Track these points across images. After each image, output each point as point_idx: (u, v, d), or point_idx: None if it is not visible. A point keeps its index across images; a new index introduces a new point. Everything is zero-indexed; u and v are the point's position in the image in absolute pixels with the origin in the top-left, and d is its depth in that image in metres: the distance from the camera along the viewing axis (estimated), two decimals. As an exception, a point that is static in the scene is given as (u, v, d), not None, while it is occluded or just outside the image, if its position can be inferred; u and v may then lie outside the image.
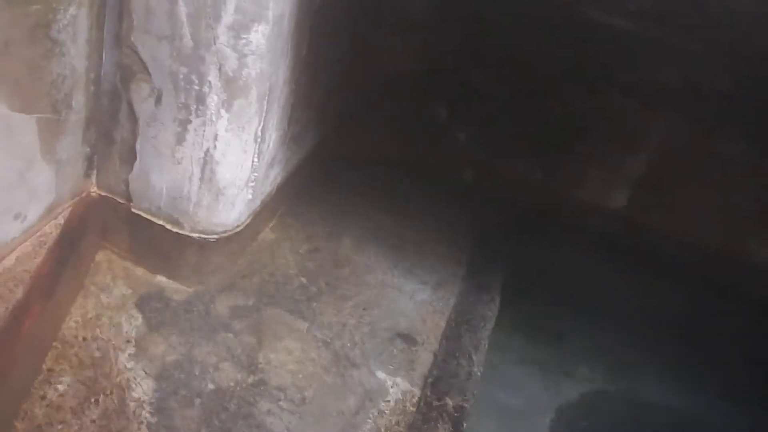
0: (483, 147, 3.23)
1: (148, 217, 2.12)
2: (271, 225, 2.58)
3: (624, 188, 3.09)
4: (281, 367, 2.09)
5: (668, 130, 2.97)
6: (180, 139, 1.96)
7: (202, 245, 2.15)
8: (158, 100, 1.92)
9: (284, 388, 2.03)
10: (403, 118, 3.22)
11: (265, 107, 1.99)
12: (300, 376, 2.08)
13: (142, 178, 2.07)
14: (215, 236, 2.15)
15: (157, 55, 1.86)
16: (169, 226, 2.12)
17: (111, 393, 1.84)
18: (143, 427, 1.78)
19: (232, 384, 1.98)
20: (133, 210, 2.13)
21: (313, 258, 2.54)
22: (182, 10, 1.77)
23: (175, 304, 2.17)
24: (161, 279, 2.22)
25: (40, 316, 1.76)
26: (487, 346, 2.38)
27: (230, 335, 2.14)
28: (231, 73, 1.84)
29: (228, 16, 1.76)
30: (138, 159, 2.04)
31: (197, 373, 1.98)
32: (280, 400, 1.99)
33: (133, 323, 2.06)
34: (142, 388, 1.88)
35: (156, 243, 2.16)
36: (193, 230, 2.12)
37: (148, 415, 1.82)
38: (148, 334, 2.05)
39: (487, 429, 2.27)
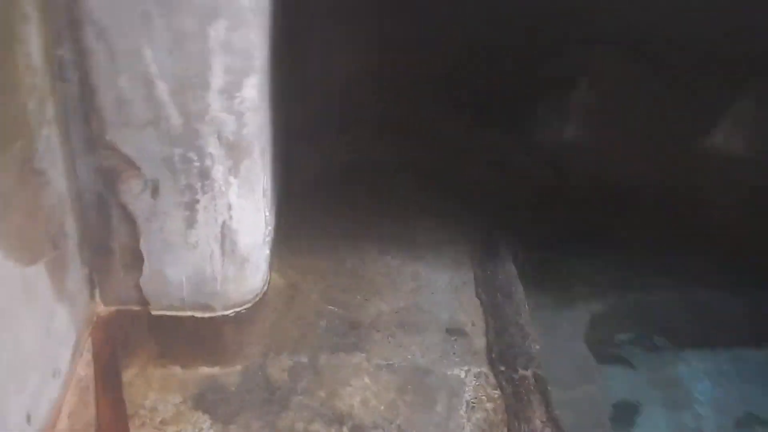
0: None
1: (173, 313, 1.93)
2: (275, 270, 2.43)
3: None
4: (365, 406, 2.01)
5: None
6: (190, 223, 1.78)
7: (238, 319, 1.99)
8: (155, 192, 1.72)
9: (379, 425, 1.96)
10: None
11: (267, 158, 1.84)
12: (383, 407, 2.02)
13: (156, 277, 1.86)
14: (249, 304, 2.00)
15: (142, 144, 1.64)
16: (199, 314, 1.94)
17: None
18: None
19: (332, 442, 1.89)
20: (153, 313, 1.92)
21: (335, 285, 2.44)
22: (162, 89, 1.56)
23: (234, 388, 2.01)
24: (206, 370, 2.04)
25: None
26: (527, 308, 2.43)
27: (300, 397, 2.02)
28: (232, 137, 1.68)
29: (217, 80, 1.58)
30: (146, 260, 1.83)
31: (296, 447, 1.86)
32: (382, 436, 1.93)
33: (203, 427, 1.89)
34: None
35: (189, 336, 1.97)
36: (225, 308, 1.95)
37: None
38: (224, 429, 1.89)
39: (565, 378, 2.33)
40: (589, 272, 2.92)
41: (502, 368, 2.16)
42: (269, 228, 2.00)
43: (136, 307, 1.91)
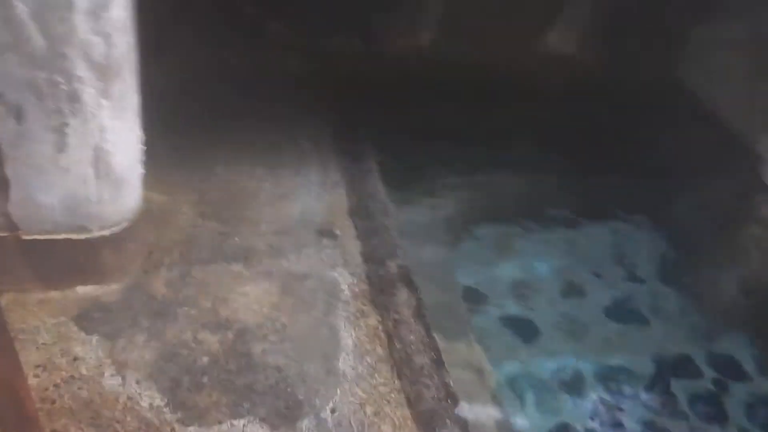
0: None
1: (46, 237, 1.89)
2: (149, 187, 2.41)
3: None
4: (248, 311, 2.15)
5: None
6: (61, 147, 1.73)
7: (116, 239, 2.00)
8: (19, 117, 1.64)
9: (262, 325, 2.12)
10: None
11: (136, 78, 1.80)
12: (265, 310, 2.17)
13: (25, 202, 1.80)
14: (126, 223, 2.01)
15: (2, 69, 1.54)
16: (74, 236, 1.92)
17: (123, 419, 1.78)
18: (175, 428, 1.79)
19: (220, 346, 2.02)
20: (24, 238, 1.87)
21: (208, 198, 2.48)
22: (22, 10, 1.46)
23: (116, 305, 2.05)
24: (86, 290, 2.05)
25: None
26: (390, 206, 2.65)
27: (185, 308, 2.11)
28: (102, 60, 1.62)
29: (82, 1, 1.50)
30: (12, 185, 1.76)
31: (186, 354, 1.98)
32: (266, 336, 2.09)
33: (91, 346, 1.93)
34: (149, 398, 1.85)
35: (64, 258, 1.95)
36: (102, 228, 1.95)
37: (169, 414, 1.83)
38: (114, 346, 1.95)
39: (426, 268, 2.61)
40: (441, 166, 3.19)
41: (372, 265, 2.38)
42: (142, 147, 1.98)
43: (4, 233, 1.85)
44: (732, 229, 3.15)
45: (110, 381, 1.85)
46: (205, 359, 1.98)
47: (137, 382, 1.86)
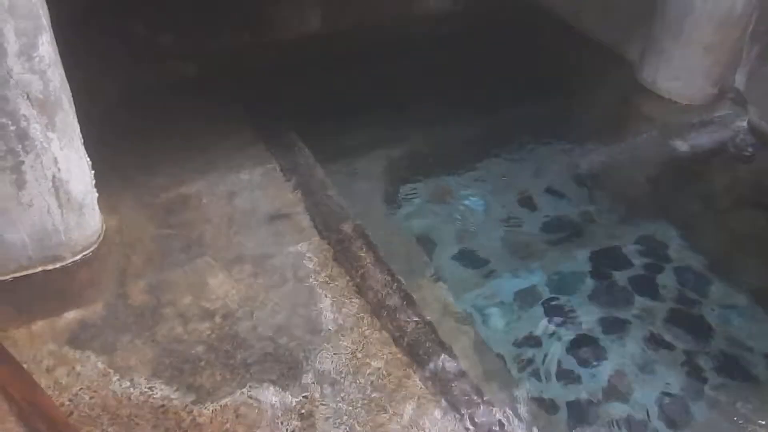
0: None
1: (22, 273, 1.98)
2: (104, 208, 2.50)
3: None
4: (227, 297, 2.29)
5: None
6: (20, 185, 1.82)
7: (89, 260, 2.11)
8: (-25, 164, 1.72)
9: (244, 306, 2.26)
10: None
11: (73, 105, 1.90)
12: (243, 292, 2.32)
13: (-4, 243, 1.89)
14: (94, 245, 2.12)
15: (-50, 122, 1.63)
16: (50, 266, 2.02)
17: (141, 413, 1.91)
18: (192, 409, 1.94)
19: (211, 332, 2.16)
20: (1, 279, 1.95)
21: (161, 208, 2.58)
22: (-42, 63, 1.55)
23: (103, 322, 2.15)
24: (71, 314, 2.14)
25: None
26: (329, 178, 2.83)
27: (167, 309, 2.23)
28: (41, 96, 1.72)
29: (12, 45, 1.61)
30: (-19, 231, 1.84)
31: (181, 347, 2.11)
32: (251, 314, 2.24)
33: (91, 361, 2.04)
34: (160, 390, 1.98)
35: (45, 288, 2.05)
36: (74, 254, 2.05)
37: (182, 399, 1.96)
38: (112, 356, 2.06)
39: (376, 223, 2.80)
40: (361, 132, 3.36)
41: (328, 233, 2.56)
42: (92, 171, 2.08)
43: (-19, 278, 1.93)
44: (623, 128, 3.49)
45: (119, 385, 1.97)
46: (201, 347, 2.11)
47: (144, 380, 1.99)
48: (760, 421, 2.27)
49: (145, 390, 1.96)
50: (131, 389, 1.96)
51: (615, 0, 3.53)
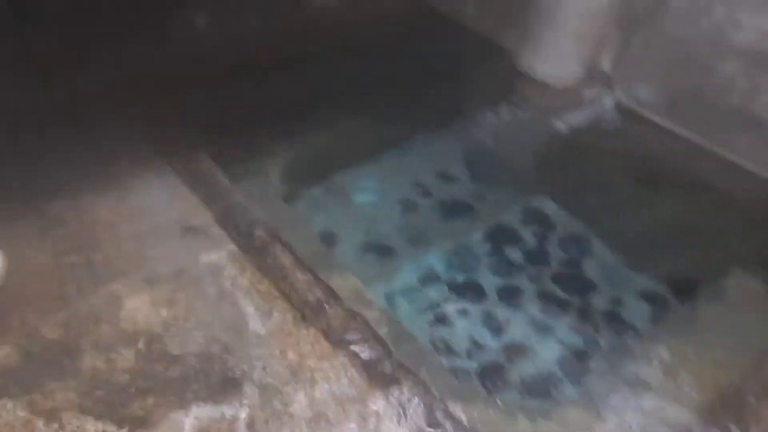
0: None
1: None
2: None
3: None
4: (148, 318, 2.21)
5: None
6: None
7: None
8: None
9: (168, 324, 2.18)
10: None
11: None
12: (164, 311, 2.23)
13: None
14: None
15: None
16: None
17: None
18: None
19: (137, 357, 2.07)
20: None
21: (62, 241, 2.41)
22: None
23: (17, 364, 2.00)
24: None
25: None
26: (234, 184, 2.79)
27: (86, 338, 2.12)
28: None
29: None
30: None
31: (107, 377, 2.01)
32: (176, 332, 2.17)
33: (8, 409, 1.88)
34: (93, 427, 1.88)
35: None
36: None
37: (118, 430, 1.89)
38: (32, 400, 1.92)
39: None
40: (265, 136, 3.35)
41: (242, 239, 2.53)
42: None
43: None
44: (506, 112, 3.76)
45: (46, 429, 1.85)
46: (127, 375, 2.03)
47: (74, 419, 1.88)
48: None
49: (76, 429, 1.86)
50: (61, 431, 1.85)
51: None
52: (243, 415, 1.95)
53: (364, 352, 2.18)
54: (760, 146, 3.11)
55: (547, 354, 2.98)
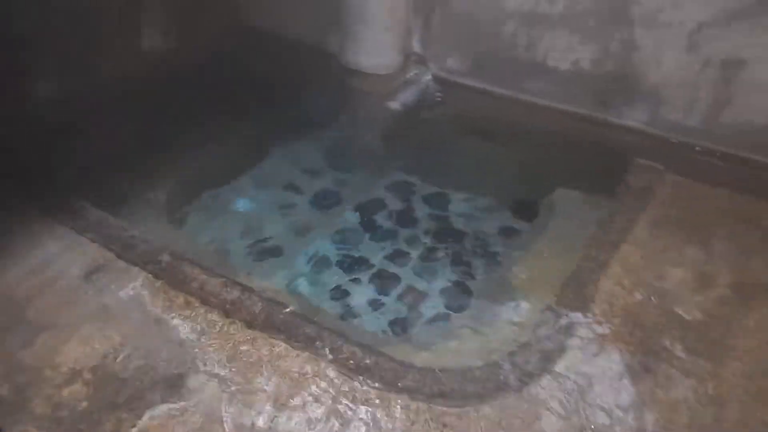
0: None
1: None
2: None
3: None
4: (86, 355, 2.33)
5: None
6: None
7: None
8: None
9: (106, 354, 2.33)
10: None
11: None
12: (98, 345, 2.36)
13: None
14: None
15: None
16: None
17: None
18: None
19: (89, 387, 2.20)
20: None
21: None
22: None
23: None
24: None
25: None
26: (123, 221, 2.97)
27: (34, 387, 2.23)
28: None
29: None
30: None
31: (69, 412, 2.16)
32: (116, 358, 2.33)
33: None
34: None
35: None
36: None
37: None
38: None
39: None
40: (138, 170, 3.50)
41: (152, 266, 2.71)
42: None
43: None
44: (347, 105, 4.21)
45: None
46: (85, 402, 2.18)
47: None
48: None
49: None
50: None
51: (309, 7, 4.17)
52: (196, 405, 2.19)
53: (290, 330, 2.48)
54: (548, 84, 3.81)
55: (436, 295, 3.44)
